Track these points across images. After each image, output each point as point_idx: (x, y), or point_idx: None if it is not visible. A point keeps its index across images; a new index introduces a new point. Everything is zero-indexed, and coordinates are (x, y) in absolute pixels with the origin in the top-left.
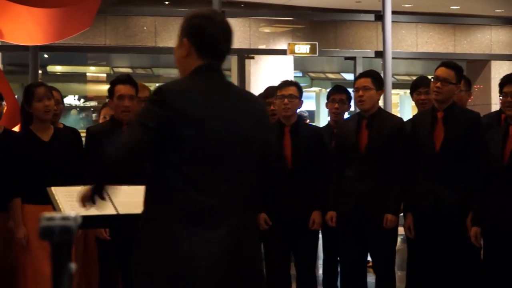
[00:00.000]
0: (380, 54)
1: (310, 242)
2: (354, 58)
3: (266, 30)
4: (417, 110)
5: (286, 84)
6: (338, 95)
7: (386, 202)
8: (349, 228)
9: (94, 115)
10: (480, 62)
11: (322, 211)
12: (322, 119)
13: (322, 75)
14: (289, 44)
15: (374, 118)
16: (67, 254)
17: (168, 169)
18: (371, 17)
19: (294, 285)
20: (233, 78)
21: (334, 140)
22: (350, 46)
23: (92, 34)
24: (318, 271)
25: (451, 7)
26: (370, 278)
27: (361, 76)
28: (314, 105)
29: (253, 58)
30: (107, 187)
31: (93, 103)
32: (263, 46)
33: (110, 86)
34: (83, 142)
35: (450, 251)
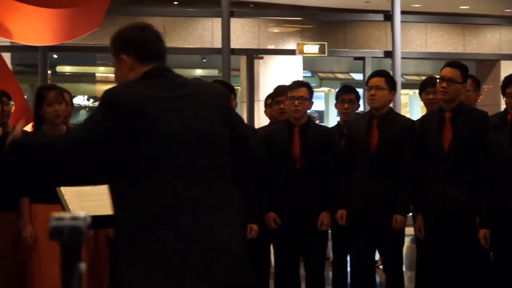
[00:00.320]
0: (389, 54)
1: (319, 242)
2: (363, 58)
3: (275, 30)
4: (426, 110)
5: (297, 85)
6: (347, 95)
7: (395, 203)
8: (358, 227)
9: None
10: (489, 62)
11: (331, 212)
12: (331, 119)
13: (331, 75)
14: (298, 44)
15: (385, 118)
16: (77, 254)
17: (128, 169)
18: (380, 17)
19: (303, 285)
20: (242, 78)
21: (344, 139)
22: (359, 46)
23: (101, 35)
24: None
25: (461, 7)
26: (379, 278)
27: (374, 75)
28: (323, 105)
29: (262, 58)
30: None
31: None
32: (272, 46)
33: None
34: None
35: (459, 251)
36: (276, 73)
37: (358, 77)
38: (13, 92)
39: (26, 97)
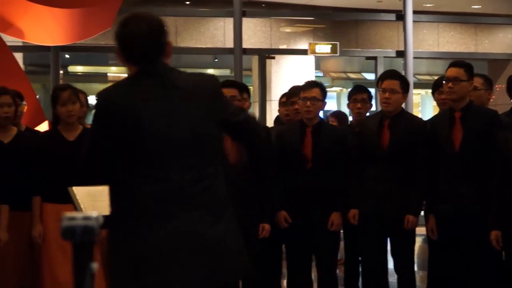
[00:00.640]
0: (401, 54)
1: (331, 241)
2: (375, 58)
3: (287, 30)
4: (438, 109)
5: (309, 85)
6: (359, 95)
7: (407, 203)
8: (370, 228)
9: None
10: (501, 62)
11: (342, 212)
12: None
13: (343, 75)
14: (310, 44)
15: (396, 118)
16: (89, 254)
17: (118, 169)
18: (392, 16)
19: (315, 285)
20: (253, 78)
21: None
22: (371, 46)
23: (113, 35)
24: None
25: (473, 7)
26: (392, 278)
27: (388, 77)
28: (335, 105)
29: (273, 58)
30: None
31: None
32: (284, 46)
33: None
34: None
35: (471, 252)
36: (288, 73)
37: (370, 77)
38: (25, 92)
39: (38, 97)
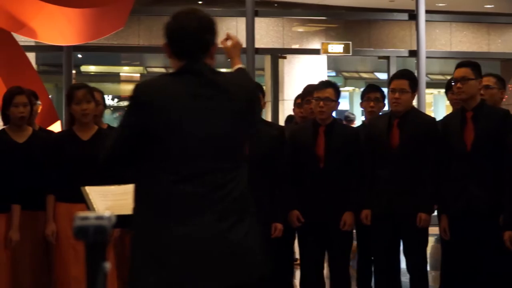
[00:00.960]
0: (414, 54)
1: (344, 241)
2: (387, 58)
3: (300, 29)
4: (451, 109)
5: (323, 85)
6: (373, 94)
7: (419, 202)
8: (382, 228)
9: None
10: None
11: (354, 212)
12: (356, 119)
13: (355, 75)
14: (322, 43)
15: (406, 117)
16: (102, 253)
17: (148, 164)
18: (405, 16)
19: (328, 284)
20: (266, 77)
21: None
22: (384, 46)
23: (125, 34)
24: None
25: (485, 6)
26: (404, 278)
27: (398, 77)
28: (348, 104)
29: (285, 57)
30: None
31: (126, 103)
32: (297, 46)
33: None
34: None
35: (484, 252)
36: (300, 72)
37: (383, 76)
38: (38, 92)
39: (50, 97)
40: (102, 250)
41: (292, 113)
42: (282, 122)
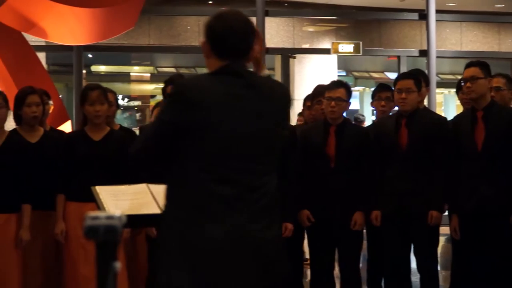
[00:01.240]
0: (424, 53)
1: (354, 241)
2: (398, 57)
3: (310, 29)
4: (461, 109)
5: (334, 85)
6: (383, 93)
7: (429, 199)
8: (392, 228)
9: (138, 115)
10: None
11: (365, 212)
12: (366, 119)
13: (366, 75)
14: (333, 43)
15: (413, 116)
16: (112, 253)
17: (185, 163)
18: (415, 16)
19: (338, 285)
20: (276, 77)
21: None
22: (394, 45)
23: (136, 34)
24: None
25: (496, 6)
26: (415, 278)
27: (403, 77)
28: (358, 104)
29: (294, 57)
30: (153, 187)
31: (137, 103)
32: (307, 45)
33: (164, 85)
34: None
35: (495, 251)
36: (311, 72)
37: (393, 76)
38: (48, 91)
39: (61, 96)
40: (112, 249)
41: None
42: (292, 122)
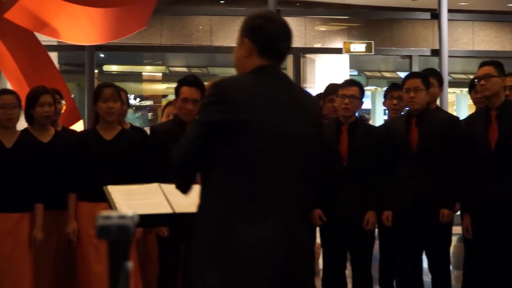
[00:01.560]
0: (436, 53)
1: (366, 241)
2: (410, 57)
3: (322, 28)
4: (474, 108)
5: (348, 83)
6: (395, 92)
7: (441, 198)
8: (404, 227)
9: (150, 114)
10: None
11: (377, 211)
12: (378, 118)
13: (377, 74)
14: (344, 42)
15: (423, 115)
16: (124, 252)
17: (223, 163)
18: (427, 15)
19: (350, 284)
20: None
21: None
22: (406, 45)
23: (148, 34)
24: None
25: (508, 5)
26: (427, 278)
27: (410, 77)
28: (370, 103)
29: (304, 57)
30: (165, 187)
31: (149, 102)
32: (319, 45)
33: (177, 85)
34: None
35: (507, 251)
36: (322, 71)
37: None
38: (60, 91)
39: (73, 96)
40: (125, 249)
41: None
42: None
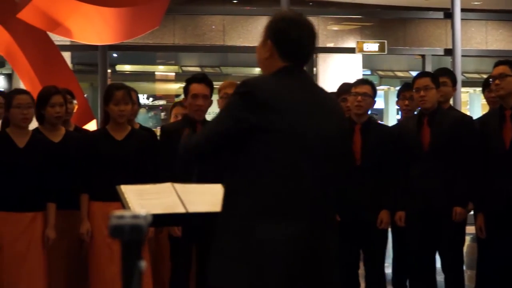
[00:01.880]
0: (449, 52)
1: (379, 240)
2: (423, 56)
3: (335, 28)
4: (487, 108)
5: (361, 82)
6: (408, 92)
7: (454, 196)
8: (418, 227)
9: (163, 114)
10: None
11: (391, 210)
12: (391, 118)
13: (390, 74)
14: (357, 42)
15: (435, 114)
16: (137, 252)
17: (247, 160)
18: (440, 14)
19: (363, 283)
20: None
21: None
22: (419, 44)
23: (161, 33)
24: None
25: None
26: (440, 277)
27: (419, 76)
28: (383, 103)
29: (317, 56)
30: (178, 186)
31: (161, 102)
32: (332, 44)
33: (186, 84)
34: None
35: None
36: (335, 71)
37: None
38: (73, 91)
39: (86, 96)
40: (138, 248)
41: None
42: None
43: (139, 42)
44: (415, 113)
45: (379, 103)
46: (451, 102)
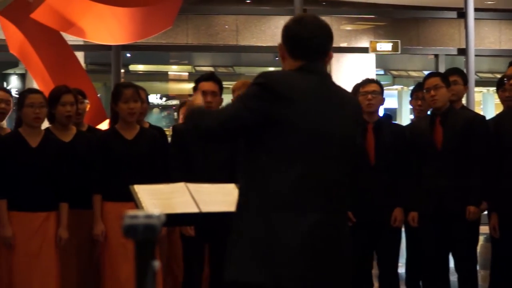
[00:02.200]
0: (462, 52)
1: (393, 239)
2: (436, 56)
3: (348, 28)
4: (501, 107)
5: (368, 81)
6: (421, 93)
7: (467, 195)
8: (431, 227)
9: (176, 114)
10: None
11: (404, 209)
12: (404, 118)
13: (404, 73)
14: (371, 41)
15: (447, 114)
16: (151, 252)
17: (262, 153)
18: (454, 14)
19: (376, 283)
20: None
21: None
22: (433, 44)
23: (174, 33)
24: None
25: None
26: (453, 277)
27: (429, 76)
28: (396, 103)
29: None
30: (192, 186)
31: (175, 102)
32: (345, 44)
33: (195, 84)
34: (169, 140)
35: None
36: (348, 71)
37: None
38: (86, 91)
39: (99, 95)
40: (151, 248)
41: None
42: None
43: (153, 42)
44: (428, 113)
45: (393, 103)
46: (464, 101)
